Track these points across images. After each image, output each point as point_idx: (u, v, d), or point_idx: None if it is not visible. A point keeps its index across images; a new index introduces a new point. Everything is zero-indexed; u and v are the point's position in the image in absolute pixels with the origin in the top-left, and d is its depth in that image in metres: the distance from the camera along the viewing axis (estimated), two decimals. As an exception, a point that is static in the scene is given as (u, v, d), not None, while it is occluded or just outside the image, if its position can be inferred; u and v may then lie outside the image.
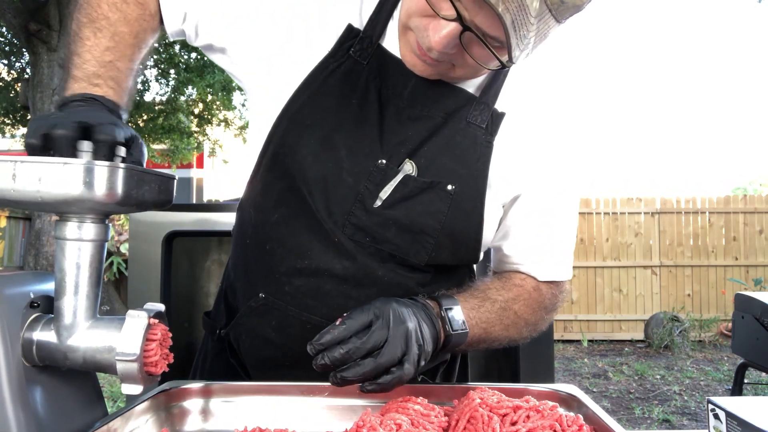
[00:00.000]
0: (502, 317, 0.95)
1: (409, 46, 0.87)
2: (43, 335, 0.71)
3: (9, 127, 9.61)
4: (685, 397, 4.80)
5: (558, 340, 6.92)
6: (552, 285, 1.02)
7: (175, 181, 0.81)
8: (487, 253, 1.10)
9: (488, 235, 0.97)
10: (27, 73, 8.72)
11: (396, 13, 0.93)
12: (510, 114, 0.95)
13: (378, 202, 0.89)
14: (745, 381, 2.96)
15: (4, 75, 9.40)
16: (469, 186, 0.91)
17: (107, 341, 0.70)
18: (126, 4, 0.93)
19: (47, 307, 0.74)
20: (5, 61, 9.22)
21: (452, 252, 0.94)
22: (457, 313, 0.88)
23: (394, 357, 0.77)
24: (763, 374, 4.72)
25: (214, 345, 1.12)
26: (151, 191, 0.72)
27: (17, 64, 9.31)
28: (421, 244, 0.91)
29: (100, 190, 0.65)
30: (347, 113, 0.90)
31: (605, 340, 7.01)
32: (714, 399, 0.76)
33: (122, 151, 0.73)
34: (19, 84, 8.87)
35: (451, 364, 1.15)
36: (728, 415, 0.72)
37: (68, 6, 7.30)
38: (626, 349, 6.66)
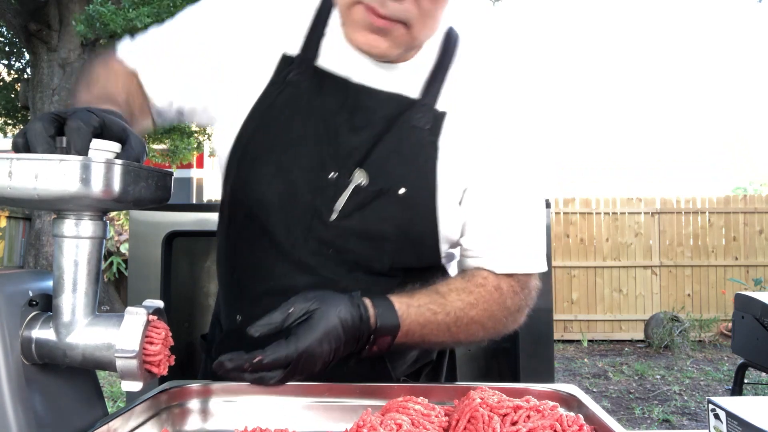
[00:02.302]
0: (451, 327, 0.93)
1: (358, 25, 0.87)
2: (42, 333, 0.71)
3: (10, 127, 9.61)
4: (685, 397, 4.80)
5: (558, 340, 6.92)
6: (513, 282, 0.99)
7: (173, 177, 0.81)
8: None
9: (448, 234, 0.97)
10: (27, 73, 8.72)
11: (327, 30, 0.96)
12: (451, 112, 0.95)
13: (334, 215, 0.92)
14: (745, 381, 2.96)
15: (4, 75, 9.40)
16: (420, 188, 0.92)
17: (106, 338, 0.70)
18: (116, 62, 1.00)
19: (46, 305, 0.74)
20: (5, 61, 9.23)
21: (414, 254, 0.95)
22: (385, 341, 0.87)
23: (285, 381, 0.80)
24: (763, 374, 4.72)
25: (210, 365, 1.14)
26: (148, 187, 0.72)
27: (17, 64, 9.31)
28: (382, 250, 0.93)
29: (96, 186, 0.64)
30: (294, 136, 0.93)
31: (605, 340, 7.01)
32: (714, 399, 0.76)
33: (110, 146, 0.70)
34: (19, 84, 8.88)
35: (438, 365, 1.15)
36: (729, 415, 0.72)
37: (68, 6, 7.31)
38: (626, 349, 6.66)
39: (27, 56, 8.36)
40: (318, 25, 0.97)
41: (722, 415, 0.73)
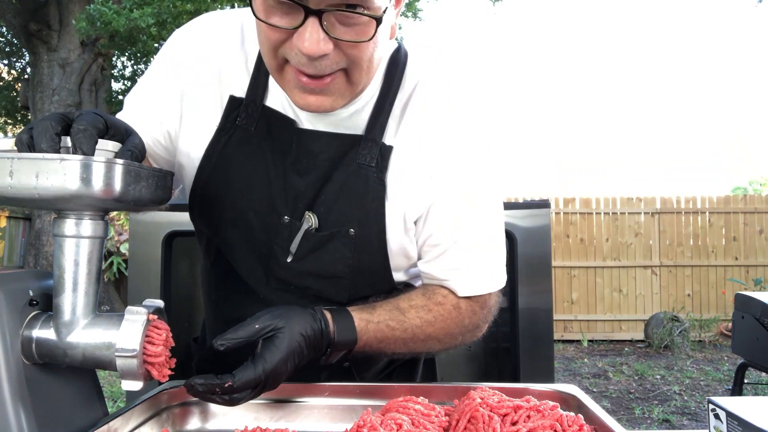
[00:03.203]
0: (408, 342, 0.95)
1: (292, 86, 0.83)
2: (43, 333, 0.71)
3: (10, 126, 9.62)
4: (685, 397, 4.80)
5: (558, 340, 6.92)
6: (472, 301, 1.00)
7: (174, 177, 0.81)
8: None
9: (401, 264, 0.99)
10: (27, 73, 8.72)
11: None
12: (399, 144, 0.94)
13: (290, 257, 0.95)
14: (745, 381, 2.95)
15: (5, 75, 9.41)
16: (369, 226, 0.93)
17: (106, 338, 0.70)
18: None
19: (46, 305, 0.74)
20: (5, 61, 9.23)
21: (369, 286, 0.98)
22: (341, 353, 0.89)
23: (253, 398, 0.81)
24: (763, 374, 4.72)
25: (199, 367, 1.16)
26: (148, 187, 0.72)
27: (17, 64, 9.31)
28: (338, 286, 0.96)
29: (97, 185, 0.64)
30: (247, 180, 0.95)
31: (605, 340, 7.01)
32: (714, 399, 0.76)
33: (111, 145, 0.70)
34: (19, 84, 8.88)
35: (412, 363, 1.16)
36: (729, 415, 0.72)
37: (68, 6, 7.31)
38: (626, 349, 6.66)
39: (27, 56, 8.36)
40: (262, 66, 0.92)
41: (722, 415, 0.73)
